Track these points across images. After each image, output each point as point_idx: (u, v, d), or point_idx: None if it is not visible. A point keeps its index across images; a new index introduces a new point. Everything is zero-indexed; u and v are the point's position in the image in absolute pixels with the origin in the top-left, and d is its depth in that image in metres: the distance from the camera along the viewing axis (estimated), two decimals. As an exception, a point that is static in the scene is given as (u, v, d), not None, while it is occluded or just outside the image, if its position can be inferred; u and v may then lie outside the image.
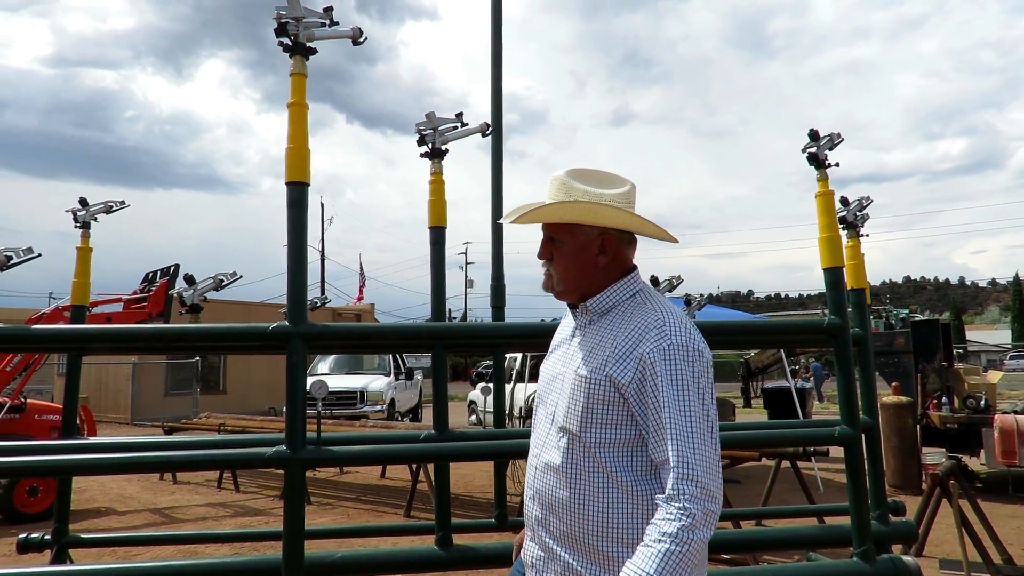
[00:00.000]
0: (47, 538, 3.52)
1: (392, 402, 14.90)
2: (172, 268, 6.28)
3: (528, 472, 1.72)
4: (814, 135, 3.25)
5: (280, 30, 2.75)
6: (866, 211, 3.58)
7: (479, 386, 14.61)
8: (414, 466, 7.62)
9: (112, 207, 3.90)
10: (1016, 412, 7.72)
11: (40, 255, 3.54)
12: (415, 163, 3.35)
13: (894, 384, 8.84)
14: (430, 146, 3.29)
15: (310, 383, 3.17)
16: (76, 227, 3.75)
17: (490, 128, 3.69)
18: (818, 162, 3.23)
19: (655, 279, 5.21)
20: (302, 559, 2.60)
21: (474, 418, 16.31)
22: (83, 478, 8.57)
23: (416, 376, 17.60)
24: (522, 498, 1.95)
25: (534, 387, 2.14)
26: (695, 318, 4.68)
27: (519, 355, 11.76)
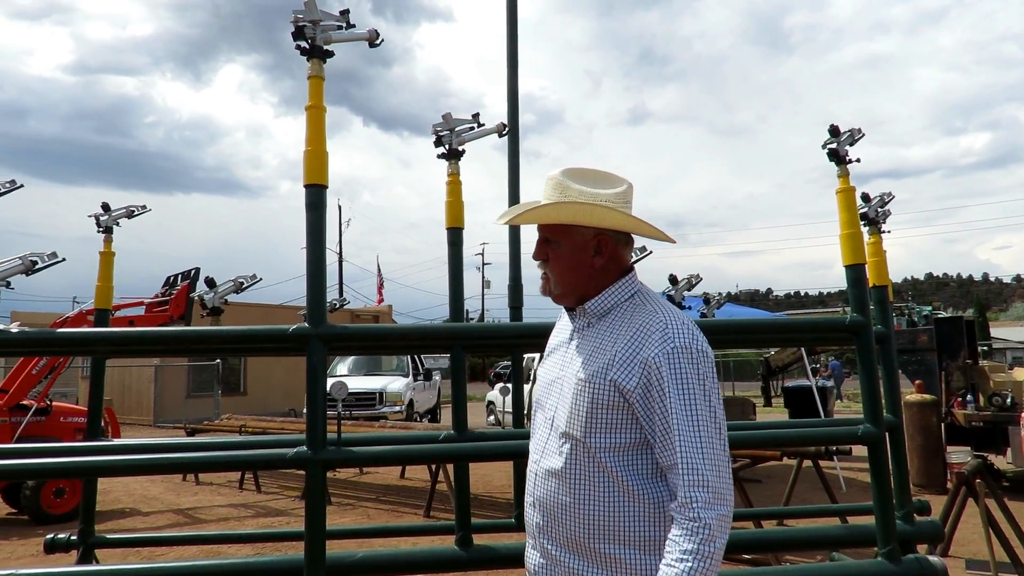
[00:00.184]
0: (73, 539, 3.56)
1: (411, 403, 14.96)
2: (193, 271, 6.36)
3: (528, 479, 1.69)
4: (834, 131, 3.20)
5: (297, 33, 2.76)
6: (888, 207, 3.53)
7: (497, 386, 14.59)
8: (433, 466, 7.64)
9: (134, 212, 3.94)
10: (1044, 410, 7.60)
11: (64, 260, 3.58)
12: (432, 164, 3.36)
13: (917, 382, 8.73)
14: (447, 147, 3.29)
15: (330, 384, 3.18)
16: (99, 232, 3.78)
17: (506, 128, 3.69)
18: (839, 158, 3.18)
19: (673, 278, 5.17)
20: (323, 559, 2.61)
21: (492, 418, 16.30)
22: (108, 479, 8.70)
23: (434, 377, 17.64)
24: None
25: None
26: (714, 316, 4.63)
27: (537, 355, 11.71)
